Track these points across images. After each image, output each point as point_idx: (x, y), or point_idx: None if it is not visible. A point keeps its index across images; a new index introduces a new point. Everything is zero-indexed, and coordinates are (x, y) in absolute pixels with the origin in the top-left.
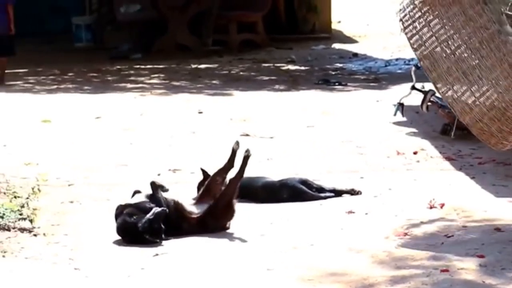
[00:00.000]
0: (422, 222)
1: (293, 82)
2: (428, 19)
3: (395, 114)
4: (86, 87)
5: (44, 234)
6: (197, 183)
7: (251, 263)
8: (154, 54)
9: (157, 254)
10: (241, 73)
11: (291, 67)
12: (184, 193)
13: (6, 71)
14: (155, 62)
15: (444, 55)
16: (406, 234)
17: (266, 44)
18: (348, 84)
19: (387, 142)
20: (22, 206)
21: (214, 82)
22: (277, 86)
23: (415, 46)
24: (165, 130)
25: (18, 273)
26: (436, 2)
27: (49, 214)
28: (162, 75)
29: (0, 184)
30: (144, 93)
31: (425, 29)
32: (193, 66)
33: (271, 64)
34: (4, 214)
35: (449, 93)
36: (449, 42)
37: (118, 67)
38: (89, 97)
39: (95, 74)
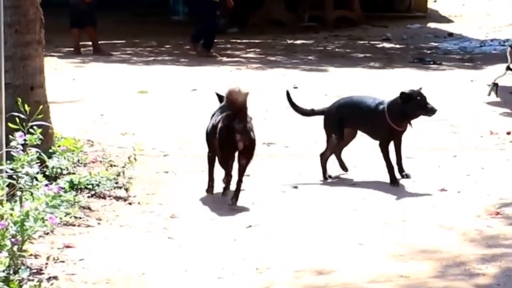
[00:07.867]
0: None
1: (388, 60)
2: None
3: (489, 94)
4: (182, 60)
5: (139, 203)
6: (290, 157)
7: (343, 237)
8: (250, 28)
9: (250, 226)
10: (336, 49)
11: (386, 45)
12: (277, 167)
13: (103, 42)
14: (251, 36)
15: None
16: (498, 213)
17: (362, 21)
18: (443, 63)
19: (480, 121)
20: (118, 175)
21: (309, 57)
22: (372, 63)
23: None
24: (260, 104)
25: (113, 240)
26: None
27: (144, 184)
28: (258, 50)
29: (97, 152)
30: (240, 67)
31: None
32: (289, 41)
33: (367, 42)
34: (100, 182)
35: None
36: None
37: (215, 40)
38: (185, 70)
39: None
